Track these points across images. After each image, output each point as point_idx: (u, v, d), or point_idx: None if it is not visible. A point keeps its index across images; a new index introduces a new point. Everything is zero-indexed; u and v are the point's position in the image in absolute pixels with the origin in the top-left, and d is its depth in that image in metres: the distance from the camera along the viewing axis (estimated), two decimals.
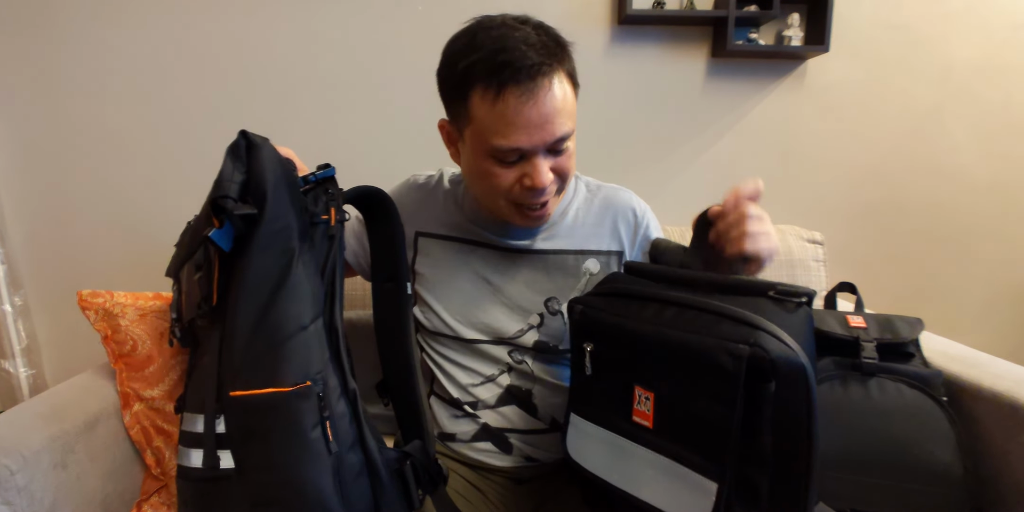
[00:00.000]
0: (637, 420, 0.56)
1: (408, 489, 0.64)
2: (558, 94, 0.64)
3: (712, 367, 0.49)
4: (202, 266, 0.60)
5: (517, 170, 0.68)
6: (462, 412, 0.83)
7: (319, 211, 0.61)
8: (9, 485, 0.73)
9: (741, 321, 0.50)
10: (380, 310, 0.78)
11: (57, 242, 1.53)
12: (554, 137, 0.65)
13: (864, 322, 1.00)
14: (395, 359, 0.77)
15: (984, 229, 1.64)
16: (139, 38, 1.45)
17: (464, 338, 0.81)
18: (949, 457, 0.87)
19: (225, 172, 0.57)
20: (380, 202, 0.73)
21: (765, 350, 0.47)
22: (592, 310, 0.61)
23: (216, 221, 0.54)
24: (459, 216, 0.82)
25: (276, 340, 0.55)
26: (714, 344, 0.49)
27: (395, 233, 0.75)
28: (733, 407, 0.48)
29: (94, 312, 0.95)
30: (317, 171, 0.63)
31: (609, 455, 0.60)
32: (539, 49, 0.64)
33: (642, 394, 0.55)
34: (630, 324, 0.56)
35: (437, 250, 0.83)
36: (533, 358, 0.81)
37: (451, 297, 0.81)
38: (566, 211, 0.81)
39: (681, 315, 0.54)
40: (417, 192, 0.87)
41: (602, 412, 0.61)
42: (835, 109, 1.56)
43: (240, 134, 0.59)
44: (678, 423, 0.53)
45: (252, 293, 0.55)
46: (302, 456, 0.54)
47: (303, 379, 0.54)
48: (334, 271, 0.61)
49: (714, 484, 0.50)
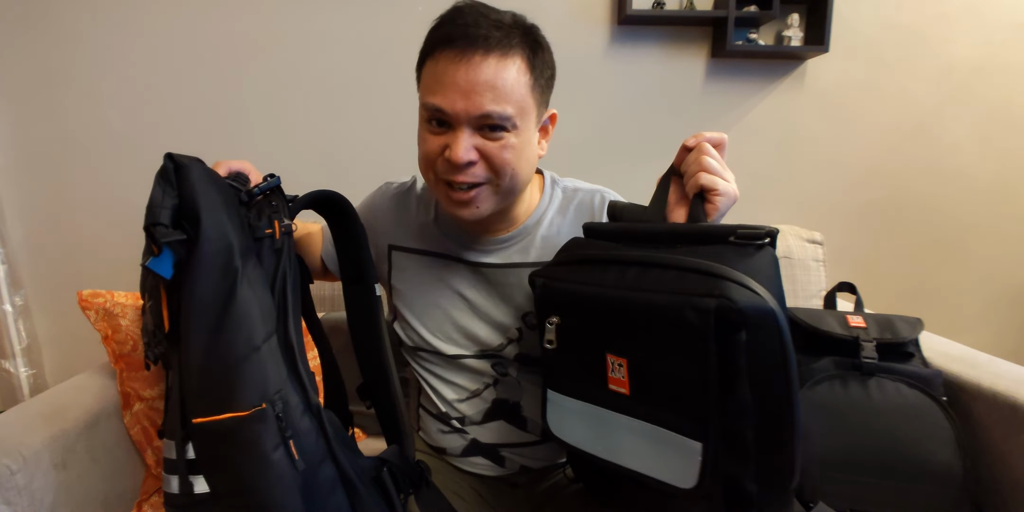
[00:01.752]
0: (613, 388, 0.55)
1: (389, 496, 0.64)
2: (499, 71, 0.62)
3: (680, 324, 0.48)
4: (151, 294, 0.59)
5: (443, 139, 0.66)
6: (449, 427, 0.81)
7: (263, 225, 0.60)
8: (10, 485, 0.73)
9: (704, 273, 0.48)
10: (352, 312, 0.77)
11: (57, 242, 1.53)
12: (480, 110, 0.62)
13: (864, 322, 1.00)
14: (369, 361, 0.76)
15: (984, 229, 1.64)
16: (139, 38, 1.45)
17: (445, 354, 0.79)
18: (949, 457, 0.87)
19: (155, 198, 0.55)
20: (336, 205, 0.72)
21: (731, 300, 0.45)
22: (554, 281, 0.59)
23: (155, 249, 0.53)
24: (432, 227, 0.80)
25: (229, 363, 0.54)
26: (679, 301, 0.48)
27: (356, 234, 0.74)
28: (707, 362, 0.47)
29: (94, 312, 0.95)
30: (261, 183, 0.62)
31: (591, 427, 0.59)
32: (496, 26, 0.63)
33: (615, 361, 0.54)
34: (593, 291, 0.55)
35: (412, 265, 0.81)
36: (518, 370, 0.79)
37: (429, 313, 0.79)
38: (540, 220, 0.78)
39: (644, 275, 0.52)
40: (390, 201, 0.84)
41: (578, 384, 0.59)
42: (835, 109, 1.56)
43: (166, 157, 0.57)
44: (654, 386, 0.52)
45: (199, 318, 0.54)
46: (266, 478, 0.53)
47: (259, 401, 0.54)
48: (284, 286, 0.59)
49: (698, 444, 0.49)
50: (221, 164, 0.66)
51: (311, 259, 0.86)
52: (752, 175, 1.56)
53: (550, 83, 0.70)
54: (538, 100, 0.68)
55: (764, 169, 1.58)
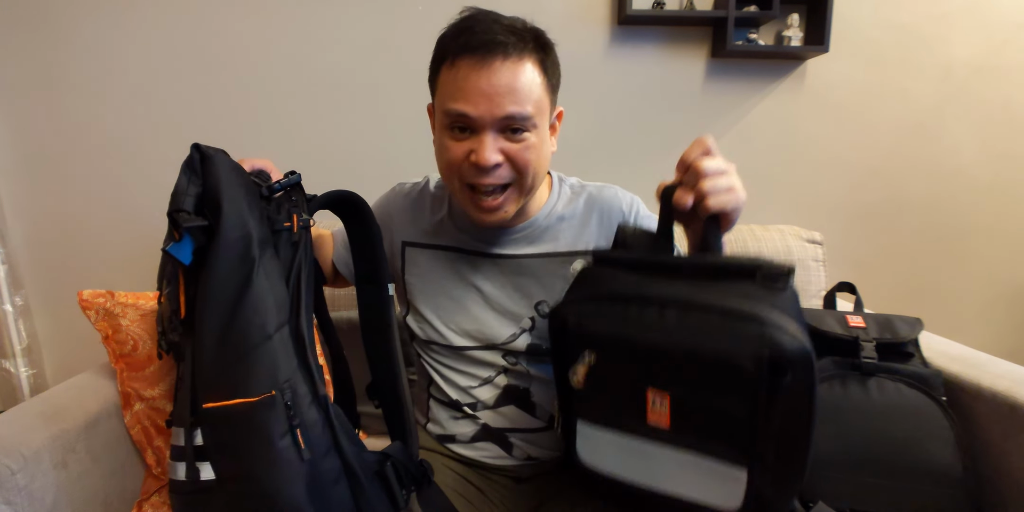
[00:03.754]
0: (653, 423, 0.56)
1: (392, 490, 0.64)
2: (517, 74, 0.65)
3: (732, 369, 0.50)
4: (170, 280, 0.60)
5: (467, 145, 0.68)
6: (461, 413, 0.83)
7: (281, 219, 0.62)
8: (10, 485, 0.73)
9: (748, 319, 0.50)
10: (364, 312, 0.78)
11: (57, 242, 1.53)
12: (504, 111, 0.65)
13: (863, 322, 1.00)
14: (380, 360, 0.77)
15: (984, 229, 1.64)
16: (140, 38, 1.45)
17: (455, 346, 0.81)
18: (948, 457, 0.87)
19: (180, 186, 0.57)
20: (353, 205, 0.74)
21: (780, 347, 0.48)
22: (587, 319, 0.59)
23: (176, 234, 0.55)
24: (446, 222, 0.82)
25: (242, 350, 0.55)
26: (732, 350, 0.50)
27: (372, 234, 0.76)
28: (755, 402, 0.50)
29: (95, 312, 0.95)
30: (282, 179, 0.64)
31: (627, 457, 0.59)
32: (511, 32, 0.66)
33: (656, 397, 0.55)
34: (634, 332, 0.55)
35: (424, 260, 0.83)
36: (527, 361, 0.81)
37: (442, 305, 0.82)
38: (551, 214, 0.81)
39: (685, 317, 0.53)
40: (403, 200, 0.87)
41: (613, 416, 0.60)
42: (835, 109, 1.56)
43: (193, 147, 0.59)
44: (698, 421, 0.54)
45: (215, 304, 0.55)
46: (272, 465, 0.54)
47: (269, 388, 0.55)
48: (299, 278, 0.61)
49: (743, 470, 0.52)
50: (244, 161, 0.69)
51: (322, 263, 0.88)
52: (752, 175, 1.56)
53: (559, 82, 0.73)
54: (551, 99, 0.71)
55: (764, 169, 1.59)
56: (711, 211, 0.56)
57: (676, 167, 0.60)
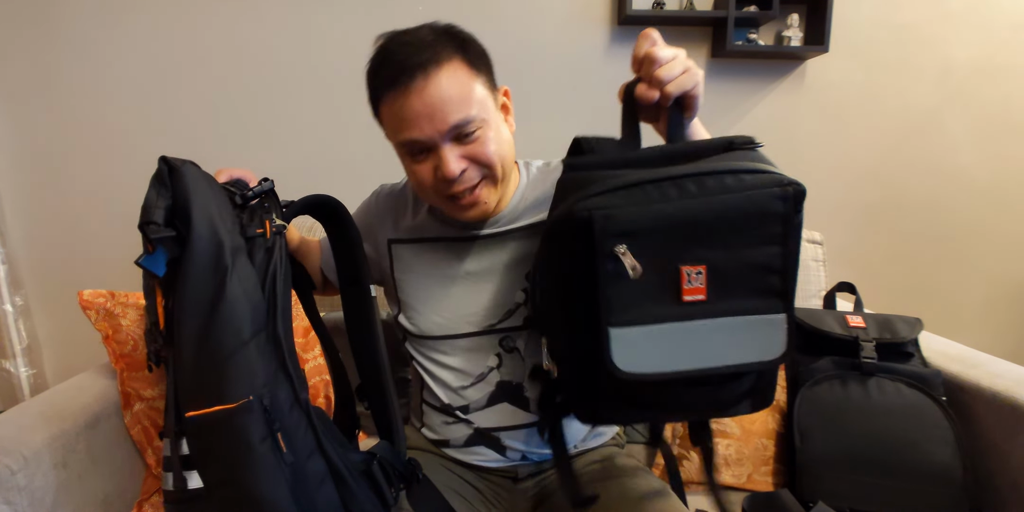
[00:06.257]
0: (689, 299, 0.56)
1: (380, 488, 0.65)
2: (444, 84, 0.67)
3: (766, 216, 0.53)
4: (148, 293, 0.62)
5: (430, 163, 0.71)
6: (453, 418, 0.83)
7: (254, 225, 0.62)
8: (10, 485, 0.73)
9: (756, 171, 0.54)
10: (349, 314, 0.80)
11: (57, 242, 1.53)
12: (447, 124, 0.67)
13: (863, 322, 1.00)
14: (365, 359, 0.78)
15: (984, 229, 1.64)
16: (139, 38, 1.45)
17: (452, 335, 0.81)
18: (948, 457, 0.87)
19: (149, 199, 0.59)
20: (330, 208, 0.75)
21: (797, 183, 0.54)
22: (618, 210, 0.56)
23: (149, 247, 0.57)
24: (428, 216, 0.84)
25: (219, 357, 0.55)
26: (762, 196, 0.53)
27: (350, 235, 0.77)
28: (786, 242, 0.54)
29: (95, 312, 0.95)
30: (255, 187, 0.65)
31: (667, 346, 0.58)
32: (418, 46, 0.68)
33: (691, 271, 0.55)
34: (665, 207, 0.55)
35: (411, 254, 0.84)
36: (526, 341, 0.81)
37: (435, 295, 0.82)
38: (524, 196, 0.82)
39: (704, 183, 0.54)
40: (386, 200, 0.89)
41: (646, 310, 0.58)
42: (835, 109, 1.56)
43: (160, 160, 0.61)
44: (733, 282, 0.55)
45: (191, 313, 0.56)
46: (254, 469, 0.55)
47: (247, 394, 0.55)
48: (275, 283, 0.61)
49: (781, 315, 0.55)
50: (223, 171, 0.70)
51: (311, 271, 0.89)
52: None
53: (490, 68, 0.74)
54: (488, 87, 0.72)
55: None
56: (674, 95, 0.58)
57: (631, 65, 0.62)
